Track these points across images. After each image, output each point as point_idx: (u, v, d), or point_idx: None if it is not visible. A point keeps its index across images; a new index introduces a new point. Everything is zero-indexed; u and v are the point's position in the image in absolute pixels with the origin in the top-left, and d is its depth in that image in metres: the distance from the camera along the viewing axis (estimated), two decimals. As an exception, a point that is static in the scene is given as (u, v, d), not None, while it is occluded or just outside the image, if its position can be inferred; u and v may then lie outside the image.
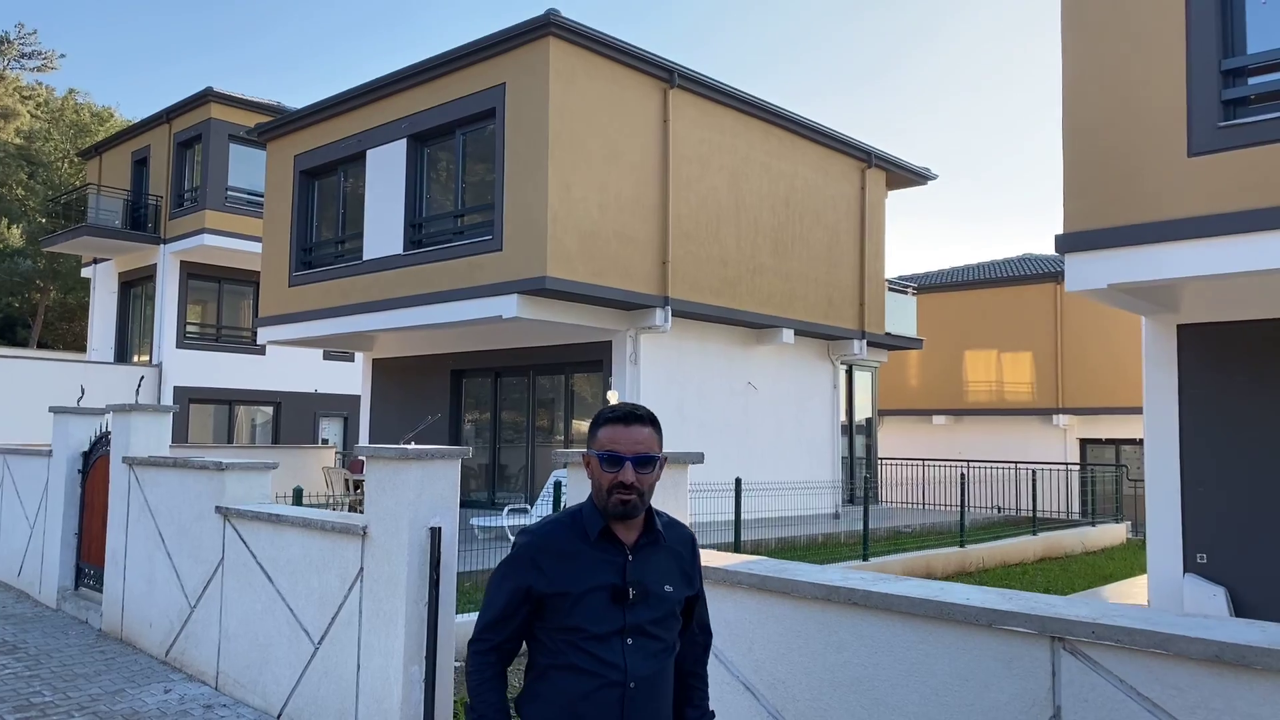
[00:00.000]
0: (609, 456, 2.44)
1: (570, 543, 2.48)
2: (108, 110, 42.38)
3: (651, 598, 2.48)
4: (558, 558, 2.46)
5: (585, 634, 2.41)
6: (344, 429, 26.05)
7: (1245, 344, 8.28)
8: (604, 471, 2.45)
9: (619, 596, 2.43)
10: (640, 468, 2.44)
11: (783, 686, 3.49)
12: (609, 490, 2.44)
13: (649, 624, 2.47)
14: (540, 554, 2.48)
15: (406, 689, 5.02)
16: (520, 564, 2.49)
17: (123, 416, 8.38)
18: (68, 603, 9.29)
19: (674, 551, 2.59)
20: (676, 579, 2.57)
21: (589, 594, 2.42)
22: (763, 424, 16.47)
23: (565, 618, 2.42)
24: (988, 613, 2.94)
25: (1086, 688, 2.74)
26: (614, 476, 2.43)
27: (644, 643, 2.46)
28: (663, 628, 2.51)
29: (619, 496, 2.43)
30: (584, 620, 2.41)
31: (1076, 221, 7.39)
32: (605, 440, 2.46)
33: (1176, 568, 8.58)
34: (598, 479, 2.48)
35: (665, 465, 2.56)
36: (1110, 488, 20.74)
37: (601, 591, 2.43)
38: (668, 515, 2.67)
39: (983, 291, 26.28)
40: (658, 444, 2.52)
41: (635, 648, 2.43)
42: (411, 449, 5.14)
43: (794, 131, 16.59)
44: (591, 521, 2.48)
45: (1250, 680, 2.46)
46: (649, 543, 2.53)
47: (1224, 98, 6.80)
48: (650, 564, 2.51)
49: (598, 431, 2.51)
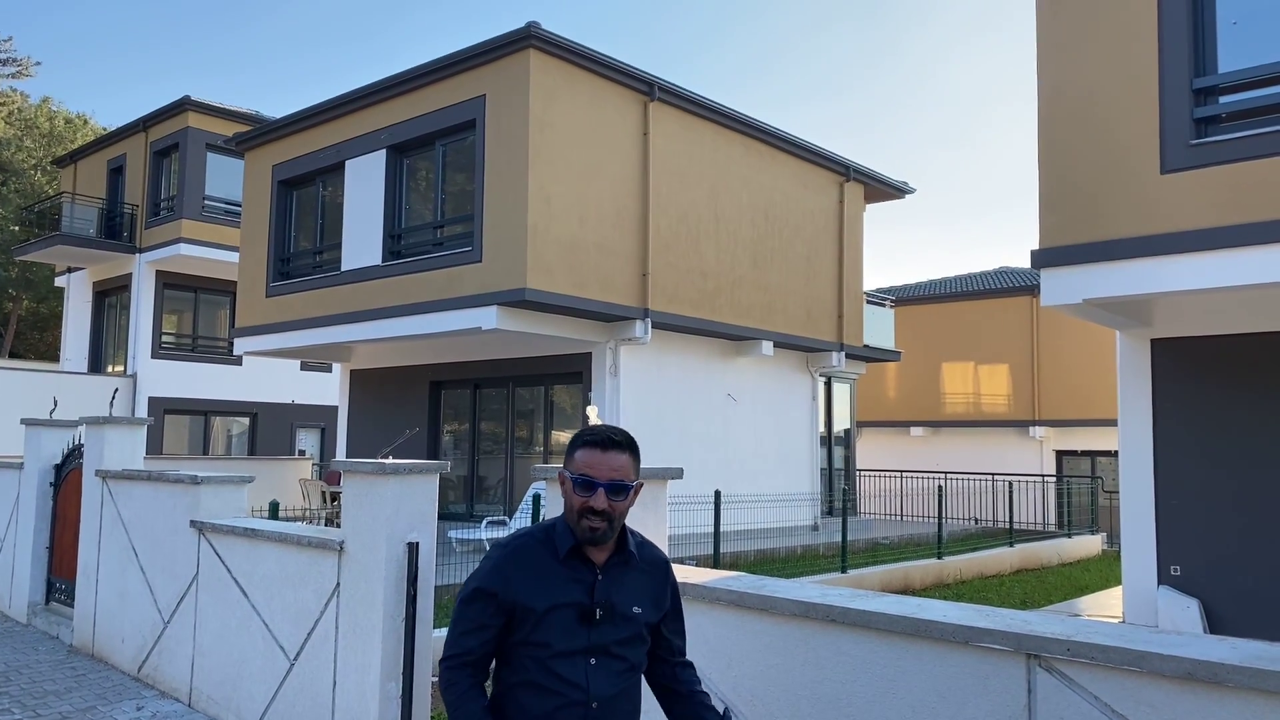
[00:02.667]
0: (582, 480, 2.41)
1: (540, 558, 2.46)
2: (81, 118, 41.99)
3: (619, 618, 2.46)
4: (527, 571, 2.44)
5: (549, 650, 2.39)
6: (321, 440, 25.87)
7: (1218, 358, 8.39)
8: (576, 495, 2.42)
9: (585, 616, 2.42)
10: (613, 494, 2.41)
11: (761, 704, 3.49)
12: (579, 514, 2.41)
13: (614, 644, 2.46)
14: (509, 566, 2.46)
15: (383, 706, 4.97)
16: (489, 575, 2.47)
17: (96, 429, 8.28)
18: (38, 618, 9.16)
19: (645, 573, 2.57)
20: (646, 601, 2.55)
21: (555, 610, 2.41)
22: (742, 436, 16.50)
23: (530, 633, 2.41)
24: (964, 630, 2.95)
25: (1062, 705, 2.76)
26: (585, 501, 2.40)
27: (608, 662, 2.44)
28: (628, 648, 2.49)
29: (588, 523, 2.40)
30: (549, 637, 2.40)
31: (1052, 237, 7.47)
32: (581, 463, 2.44)
33: (1151, 580, 8.66)
34: (570, 500, 2.45)
35: (642, 488, 2.55)
36: (1086, 499, 20.91)
37: (568, 609, 2.41)
38: (642, 536, 2.65)
39: (960, 304, 26.48)
40: (634, 470, 2.49)
41: (598, 667, 2.42)
42: (389, 464, 5.11)
43: (773, 145, 16.69)
44: (563, 539, 2.46)
45: (1222, 698, 2.48)
46: (620, 562, 2.51)
47: (1196, 116, 6.90)
48: (620, 584, 2.50)
49: (575, 453, 2.47)
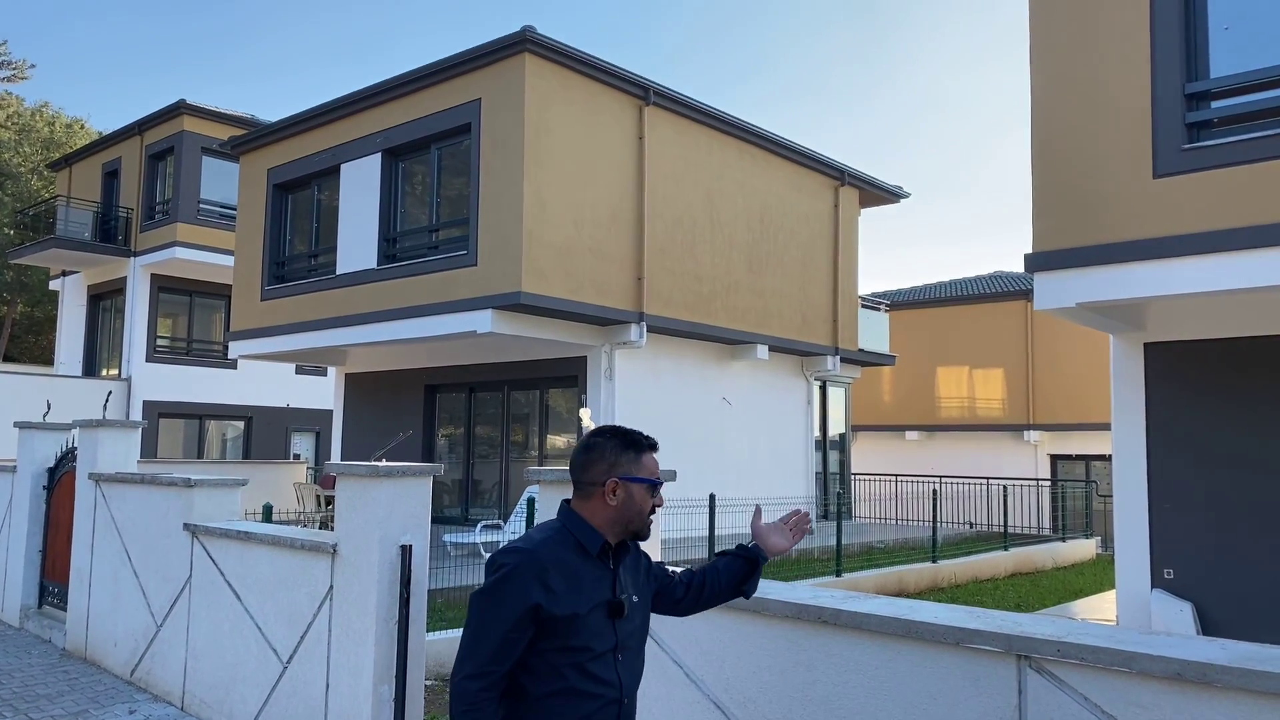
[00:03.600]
0: (655, 483, 2.58)
1: (573, 559, 2.45)
2: (78, 122, 41.95)
3: (634, 609, 2.54)
4: (565, 576, 2.39)
5: (590, 654, 2.38)
6: (316, 444, 25.84)
7: (1211, 362, 8.40)
8: (649, 497, 2.55)
9: (615, 611, 2.45)
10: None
11: (753, 705, 3.49)
12: (648, 513, 2.55)
13: (631, 637, 2.52)
14: (548, 572, 2.37)
15: (376, 708, 4.97)
16: (526, 582, 2.33)
17: (90, 432, 8.27)
18: (30, 621, 9.13)
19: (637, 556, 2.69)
20: (644, 588, 2.66)
21: (593, 612, 2.41)
22: (737, 439, 16.51)
23: (570, 638, 2.36)
24: (955, 631, 2.96)
25: (1052, 705, 2.76)
26: (655, 500, 2.57)
27: (629, 657, 2.50)
28: (639, 638, 2.58)
29: (651, 520, 2.58)
30: (589, 639, 2.38)
31: (1045, 241, 7.48)
32: (649, 467, 2.58)
33: (1144, 583, 8.67)
34: (640, 503, 2.53)
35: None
36: (1080, 503, 20.94)
37: (600, 609, 2.43)
38: None
39: (955, 308, 26.53)
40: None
41: (624, 663, 2.47)
42: (382, 466, 5.11)
43: (768, 149, 16.71)
44: (590, 538, 2.48)
45: (1211, 698, 2.49)
46: (626, 552, 2.60)
47: (1188, 120, 6.92)
48: (629, 573, 2.58)
49: (639, 457, 2.58)
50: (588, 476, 2.52)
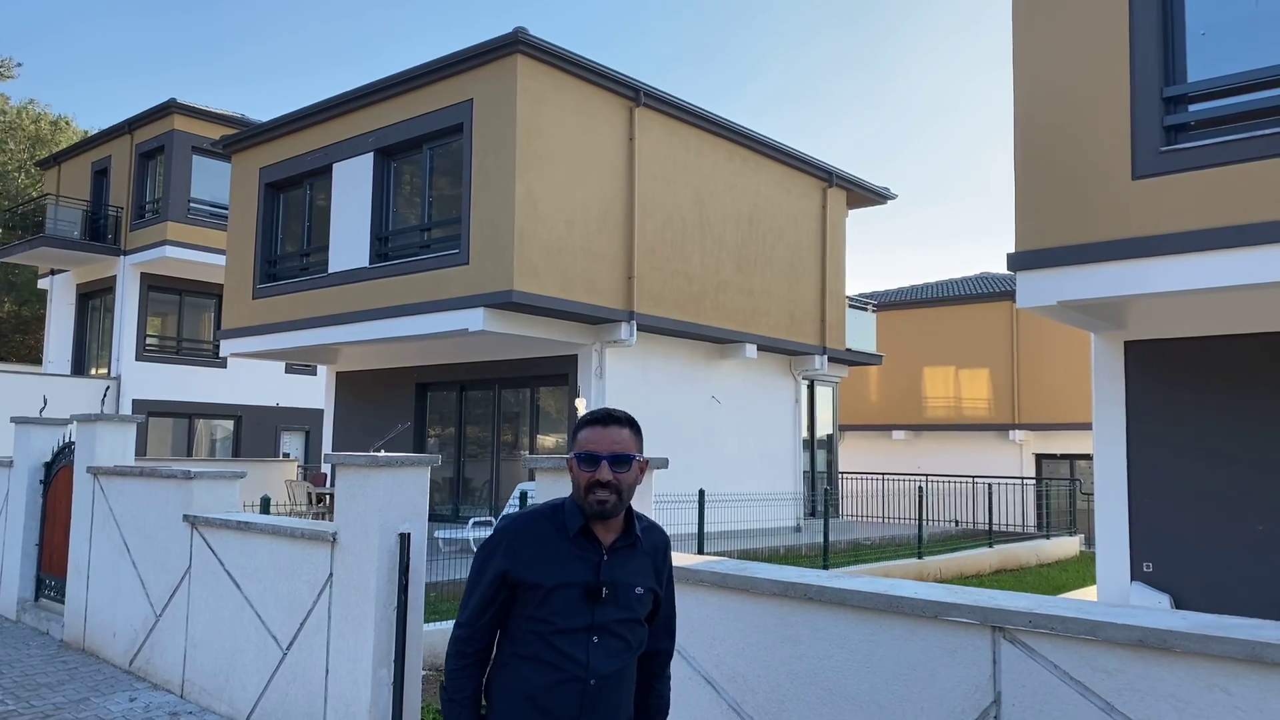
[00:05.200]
0: (587, 456, 2.51)
1: (549, 535, 2.54)
2: (64, 119, 41.82)
3: (622, 598, 2.53)
4: (535, 546, 2.52)
5: (553, 627, 2.46)
6: (306, 442, 25.89)
7: (1189, 360, 8.60)
8: (582, 470, 2.51)
9: (592, 594, 2.49)
10: (616, 466, 2.50)
11: (742, 680, 3.65)
12: (586, 489, 2.49)
13: (616, 623, 2.52)
14: (517, 540, 2.55)
15: (375, 692, 5.10)
16: (498, 548, 2.56)
17: (88, 426, 8.37)
18: (28, 614, 9.22)
19: (649, 554, 2.65)
20: (648, 580, 2.63)
21: (561, 589, 2.47)
22: (726, 438, 16.67)
23: (536, 608, 2.48)
24: (934, 605, 3.12)
25: (1024, 673, 2.93)
26: (591, 475, 2.49)
27: (609, 641, 2.51)
28: (629, 628, 2.57)
29: (596, 496, 2.48)
30: (553, 614, 2.47)
31: (1028, 241, 7.67)
32: (583, 441, 2.55)
33: (1124, 575, 8.86)
34: (577, 479, 2.53)
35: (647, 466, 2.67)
36: (1064, 501, 21.20)
37: (574, 588, 2.48)
38: (648, 519, 2.75)
39: (941, 309, 26.78)
40: (636, 445, 2.60)
41: (600, 645, 2.49)
42: (381, 456, 5.24)
43: (757, 150, 16.89)
44: (572, 518, 2.54)
45: (1171, 663, 2.66)
46: (626, 545, 2.58)
47: (1166, 123, 7.11)
48: (625, 566, 2.57)
49: (579, 433, 2.60)
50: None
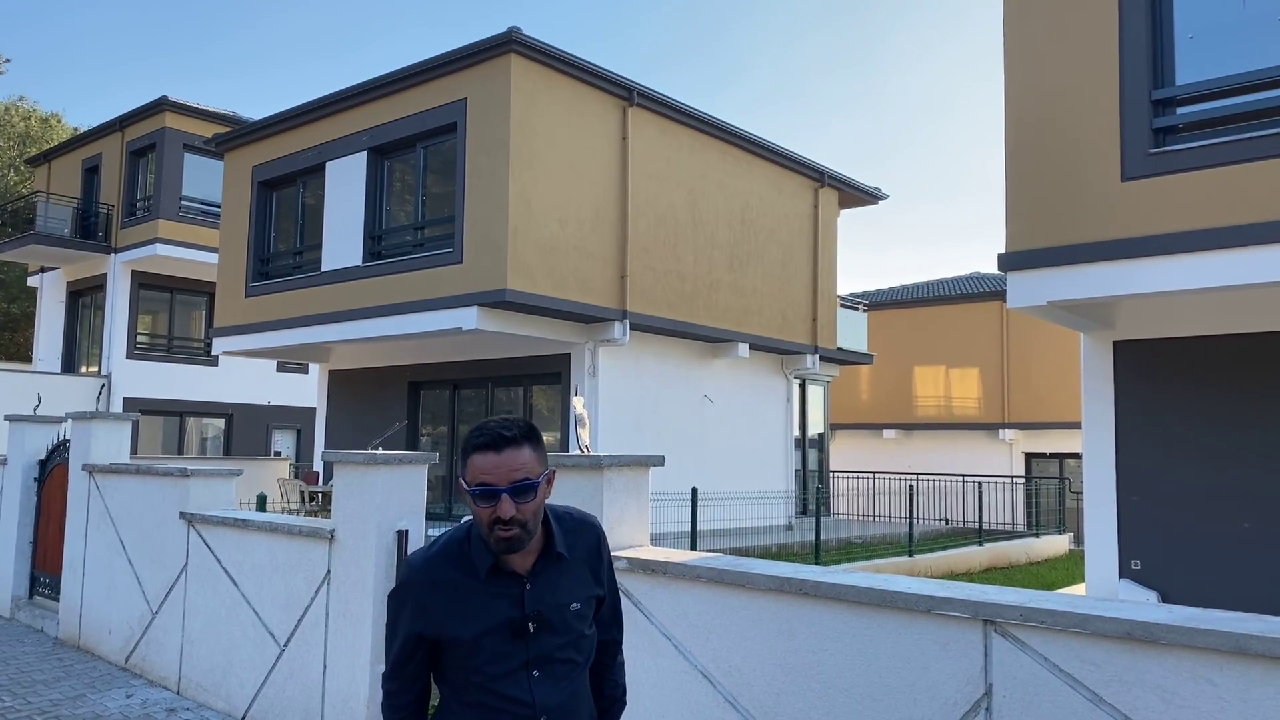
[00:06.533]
0: (482, 491, 2.12)
1: (457, 581, 2.21)
2: (55, 116, 41.64)
3: (557, 623, 2.26)
4: (445, 597, 2.21)
5: (486, 674, 2.21)
6: (297, 441, 25.87)
7: (1178, 359, 8.70)
8: (479, 507, 2.13)
9: (519, 632, 2.21)
10: (519, 497, 2.12)
11: (738, 674, 3.71)
12: (489, 526, 2.13)
13: (556, 650, 2.26)
14: (424, 593, 2.23)
15: (373, 688, 5.15)
16: (404, 605, 2.27)
17: (83, 424, 8.39)
18: (22, 611, 9.23)
19: (583, 560, 2.35)
20: (585, 590, 2.34)
21: (484, 636, 2.20)
22: (718, 436, 16.75)
23: (464, 659, 2.22)
24: (926, 599, 3.19)
25: (1015, 666, 3.00)
26: (491, 512, 2.11)
27: (551, 669, 2.25)
28: (573, 649, 2.30)
29: (501, 533, 2.13)
30: (483, 662, 2.20)
31: (1018, 241, 7.75)
32: (477, 471, 2.13)
33: (1112, 573, 8.96)
34: (476, 514, 2.17)
35: (555, 477, 2.29)
36: (1054, 500, 21.34)
37: (498, 631, 2.20)
38: (573, 515, 2.42)
39: (931, 309, 26.91)
40: (539, 462, 2.20)
41: (542, 678, 2.23)
42: (379, 454, 5.29)
43: (749, 150, 16.97)
44: (480, 557, 2.21)
45: (1158, 655, 2.73)
46: (547, 564, 2.27)
47: (1154, 126, 7.20)
48: (554, 587, 2.27)
49: (468, 459, 2.17)
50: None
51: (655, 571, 4.04)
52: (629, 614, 4.15)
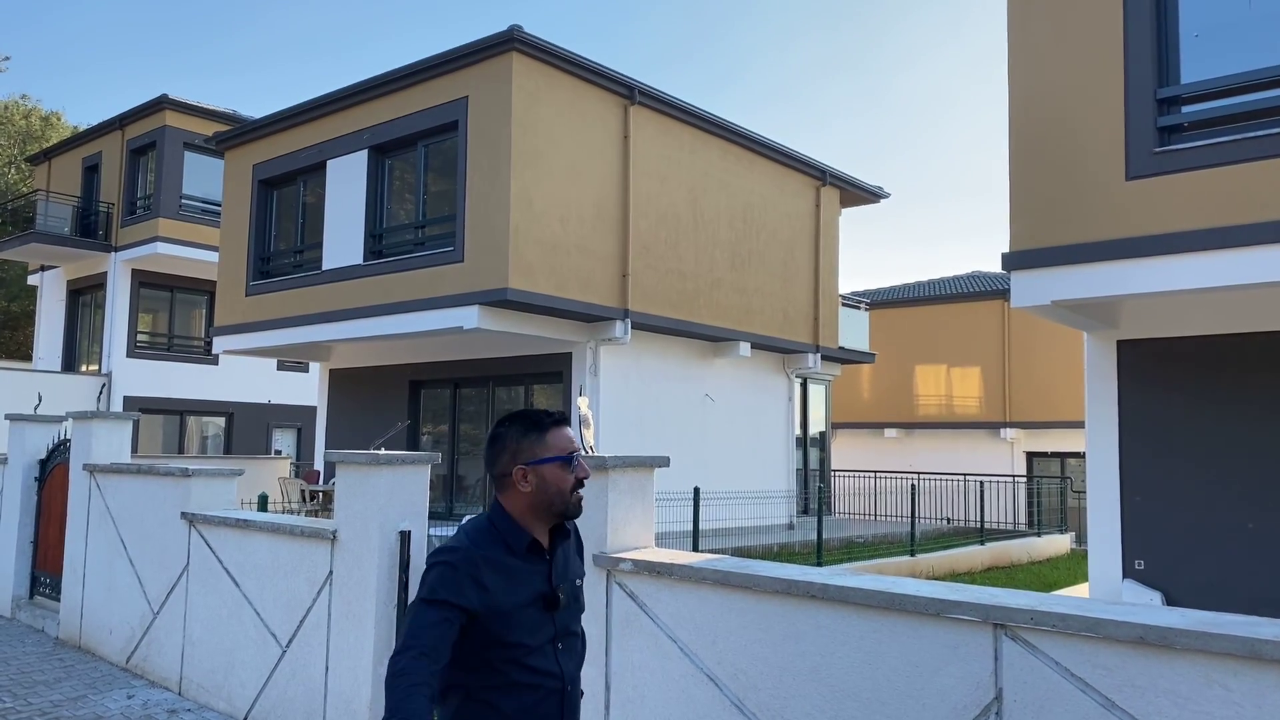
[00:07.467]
0: (568, 458, 2.46)
1: (503, 558, 2.39)
2: (55, 115, 41.60)
3: (571, 597, 2.51)
4: (497, 573, 2.36)
5: (525, 649, 2.35)
6: (298, 440, 25.84)
7: (1182, 359, 8.67)
8: (565, 474, 2.44)
9: (550, 604, 2.42)
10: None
11: (744, 676, 3.68)
12: (572, 490, 2.45)
13: (571, 623, 2.51)
14: (482, 569, 2.33)
15: (376, 688, 5.11)
16: (461, 580, 2.30)
17: (84, 423, 8.36)
18: (22, 611, 9.20)
19: (575, 540, 2.64)
20: (581, 566, 2.64)
21: (523, 609, 2.37)
22: (720, 435, 16.72)
23: (505, 635, 2.33)
24: (935, 602, 3.15)
25: (1026, 670, 2.97)
26: (579, 474, 2.47)
27: (570, 643, 2.49)
28: (579, 623, 2.57)
29: (579, 494, 2.48)
30: (523, 635, 2.35)
31: (1022, 241, 7.72)
32: (557, 444, 2.47)
33: (1116, 573, 8.93)
34: (556, 484, 2.43)
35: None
36: (1055, 500, 21.31)
37: (534, 604, 2.39)
38: None
39: (933, 308, 26.88)
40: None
41: (564, 650, 2.46)
42: (382, 455, 5.26)
43: (751, 149, 16.93)
44: (515, 535, 2.42)
45: (1171, 659, 2.69)
46: (561, 538, 2.54)
47: (1159, 125, 7.17)
48: (565, 562, 2.53)
49: (543, 436, 2.47)
50: (498, 469, 2.47)
51: (661, 574, 4.01)
52: (634, 616, 4.12)
